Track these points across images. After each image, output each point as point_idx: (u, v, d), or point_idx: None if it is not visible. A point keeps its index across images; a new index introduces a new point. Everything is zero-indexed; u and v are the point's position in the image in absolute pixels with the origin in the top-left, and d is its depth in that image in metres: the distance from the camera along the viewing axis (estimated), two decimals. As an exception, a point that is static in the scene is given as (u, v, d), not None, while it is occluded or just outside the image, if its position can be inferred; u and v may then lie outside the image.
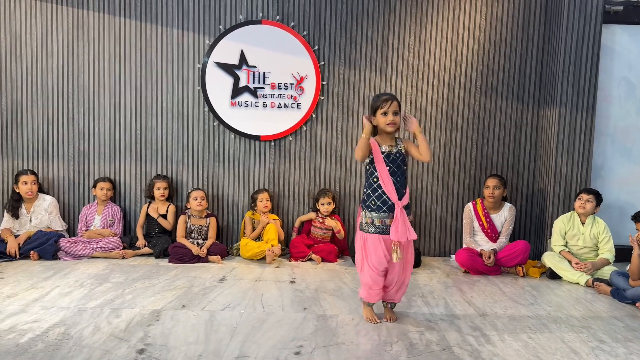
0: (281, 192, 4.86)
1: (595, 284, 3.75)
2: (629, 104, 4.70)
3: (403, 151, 2.90)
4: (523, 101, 4.74)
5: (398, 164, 2.86)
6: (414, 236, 2.81)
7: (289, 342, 2.57)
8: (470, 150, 4.79)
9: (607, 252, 3.99)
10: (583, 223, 4.10)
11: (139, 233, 4.63)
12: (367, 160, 2.90)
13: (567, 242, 4.16)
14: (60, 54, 4.77)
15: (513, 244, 4.21)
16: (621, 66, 4.65)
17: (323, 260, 4.40)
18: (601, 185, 4.66)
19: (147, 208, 4.69)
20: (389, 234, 2.82)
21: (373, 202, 2.86)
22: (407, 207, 2.86)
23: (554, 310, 3.23)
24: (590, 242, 4.06)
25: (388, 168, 2.84)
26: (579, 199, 4.12)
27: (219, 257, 4.30)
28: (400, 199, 2.82)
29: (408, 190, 2.90)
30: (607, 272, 3.85)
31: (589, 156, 4.39)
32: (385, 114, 2.83)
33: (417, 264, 4.35)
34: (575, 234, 4.11)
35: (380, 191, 2.84)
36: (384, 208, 2.83)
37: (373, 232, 2.86)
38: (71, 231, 4.82)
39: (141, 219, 4.69)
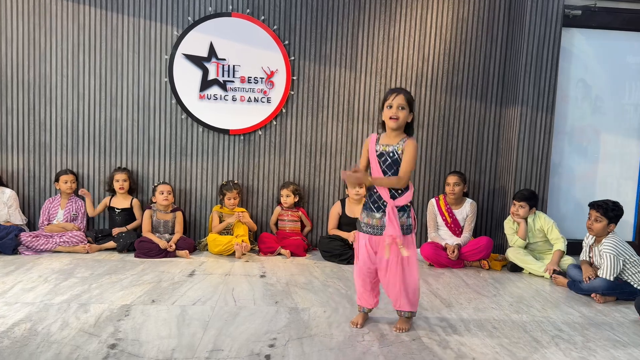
0: (250, 186, 4.85)
1: (552, 276, 3.93)
2: (585, 105, 4.92)
3: (400, 151, 2.69)
4: (486, 100, 4.89)
5: (389, 164, 2.70)
6: (398, 233, 2.62)
7: (263, 335, 2.59)
8: (435, 147, 4.91)
9: (557, 240, 4.14)
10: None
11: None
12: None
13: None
14: (20, 42, 4.60)
15: (476, 240, 4.35)
16: (578, 68, 4.86)
17: (292, 254, 4.42)
18: (558, 181, 4.87)
19: (109, 201, 4.60)
20: (376, 234, 2.71)
21: (365, 201, 2.79)
22: (402, 210, 2.70)
23: (516, 301, 3.37)
24: (539, 235, 4.24)
25: (379, 167, 2.73)
26: (513, 204, 4.27)
27: (187, 251, 4.27)
28: (393, 198, 2.68)
29: (410, 191, 2.72)
30: (564, 264, 4.04)
31: (548, 154, 4.58)
32: (390, 107, 2.68)
33: (384, 257, 4.43)
34: (523, 232, 4.29)
35: (372, 189, 2.75)
36: (373, 207, 2.72)
37: (363, 232, 2.77)
38: (32, 225, 4.68)
39: (99, 208, 4.62)
